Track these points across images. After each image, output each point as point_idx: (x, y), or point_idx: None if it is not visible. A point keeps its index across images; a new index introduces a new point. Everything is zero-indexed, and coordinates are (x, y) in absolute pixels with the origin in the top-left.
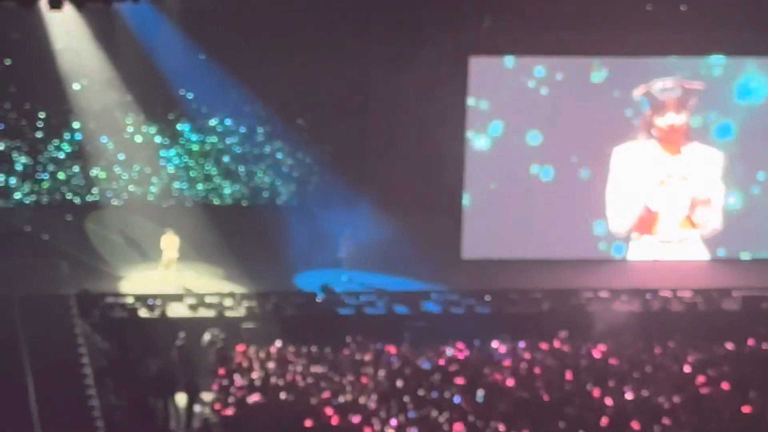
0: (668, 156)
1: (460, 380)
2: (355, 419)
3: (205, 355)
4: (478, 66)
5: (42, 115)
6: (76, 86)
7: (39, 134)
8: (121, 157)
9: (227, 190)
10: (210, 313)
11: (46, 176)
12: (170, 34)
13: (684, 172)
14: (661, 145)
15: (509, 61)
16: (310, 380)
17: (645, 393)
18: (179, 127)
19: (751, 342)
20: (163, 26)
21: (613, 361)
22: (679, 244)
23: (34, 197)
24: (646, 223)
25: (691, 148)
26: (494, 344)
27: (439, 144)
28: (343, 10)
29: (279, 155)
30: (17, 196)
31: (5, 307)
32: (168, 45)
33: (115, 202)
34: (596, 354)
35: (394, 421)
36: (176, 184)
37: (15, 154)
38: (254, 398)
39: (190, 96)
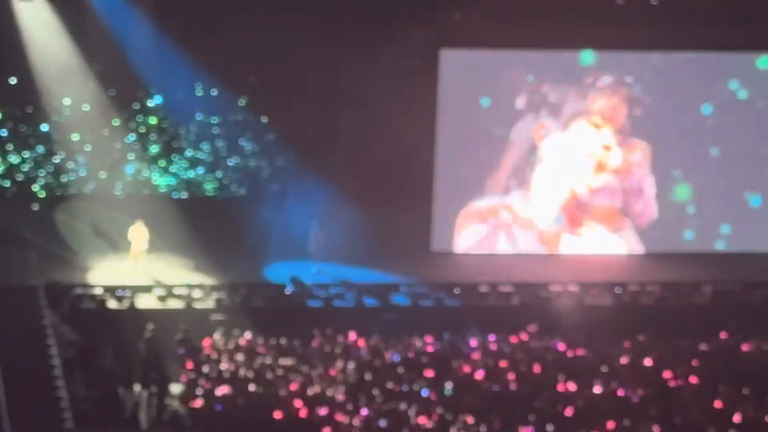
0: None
1: (429, 373)
2: (324, 411)
3: (174, 347)
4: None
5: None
6: (44, 76)
7: (8, 124)
8: (89, 147)
9: (197, 181)
10: (179, 305)
11: (13, 164)
12: (140, 23)
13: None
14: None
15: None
16: (279, 372)
17: (614, 386)
18: (148, 118)
19: (724, 336)
20: (134, 15)
21: (581, 353)
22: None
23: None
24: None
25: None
26: (464, 337)
27: (410, 136)
28: None
29: (248, 147)
30: None
31: None
32: (138, 34)
33: (83, 193)
34: (562, 347)
35: (363, 412)
36: (145, 175)
37: None
38: (223, 390)
39: (159, 86)
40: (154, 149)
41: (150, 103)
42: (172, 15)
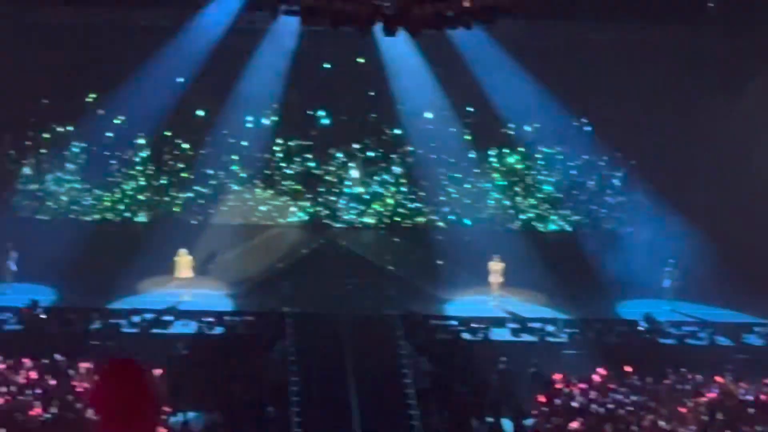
0: None
1: None
2: None
3: (526, 380)
4: None
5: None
6: (406, 108)
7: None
8: (450, 181)
9: (553, 217)
10: (532, 338)
11: (378, 198)
12: (501, 61)
13: None
14: None
15: None
16: (629, 408)
17: None
18: (507, 153)
19: None
20: (495, 54)
21: None
22: None
23: (368, 219)
24: None
25: None
26: None
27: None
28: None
29: (605, 183)
30: (347, 217)
31: (333, 325)
32: (498, 72)
33: (440, 225)
34: None
35: None
36: (500, 210)
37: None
38: (574, 425)
39: (517, 122)
40: (513, 185)
41: (509, 140)
42: (530, 55)
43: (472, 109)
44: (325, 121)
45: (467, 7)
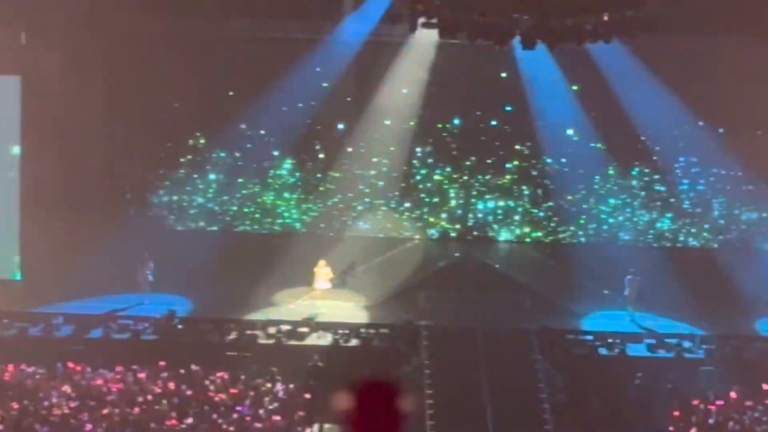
0: None
1: None
2: None
3: (661, 396)
4: None
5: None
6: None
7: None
8: (589, 196)
9: (692, 231)
10: (668, 355)
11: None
12: (640, 75)
13: None
14: None
15: None
16: (766, 428)
17: None
18: (646, 168)
19: None
20: (634, 67)
21: None
22: None
23: (505, 234)
24: None
25: None
26: None
27: None
28: None
29: (743, 198)
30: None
31: (470, 337)
32: (637, 86)
33: (578, 240)
34: None
35: None
36: (639, 226)
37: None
38: None
39: (660, 138)
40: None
41: (647, 153)
42: (671, 68)
43: (610, 124)
44: (460, 132)
45: (606, 20)
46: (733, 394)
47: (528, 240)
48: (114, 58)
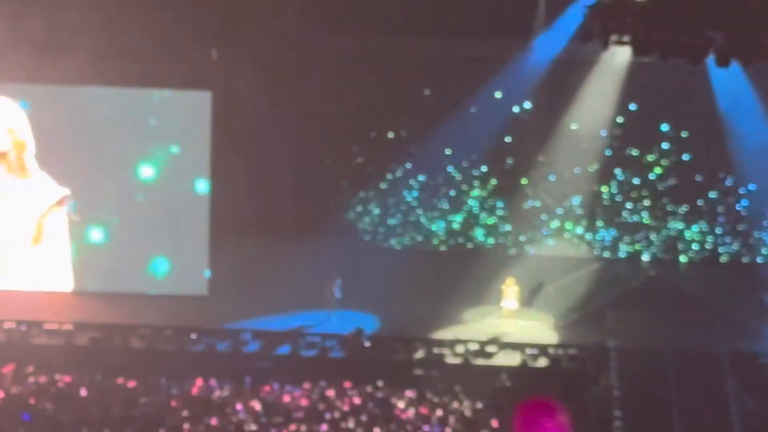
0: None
1: None
2: None
3: None
4: None
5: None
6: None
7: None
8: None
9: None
10: None
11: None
12: None
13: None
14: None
15: None
16: None
17: None
18: None
19: None
20: None
21: None
22: None
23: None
24: None
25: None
26: None
27: None
28: None
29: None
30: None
31: (659, 359)
32: None
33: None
34: None
35: None
36: None
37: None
38: None
39: None
40: None
41: None
42: None
43: None
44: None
45: None
46: None
47: (721, 261)
48: (305, 74)
